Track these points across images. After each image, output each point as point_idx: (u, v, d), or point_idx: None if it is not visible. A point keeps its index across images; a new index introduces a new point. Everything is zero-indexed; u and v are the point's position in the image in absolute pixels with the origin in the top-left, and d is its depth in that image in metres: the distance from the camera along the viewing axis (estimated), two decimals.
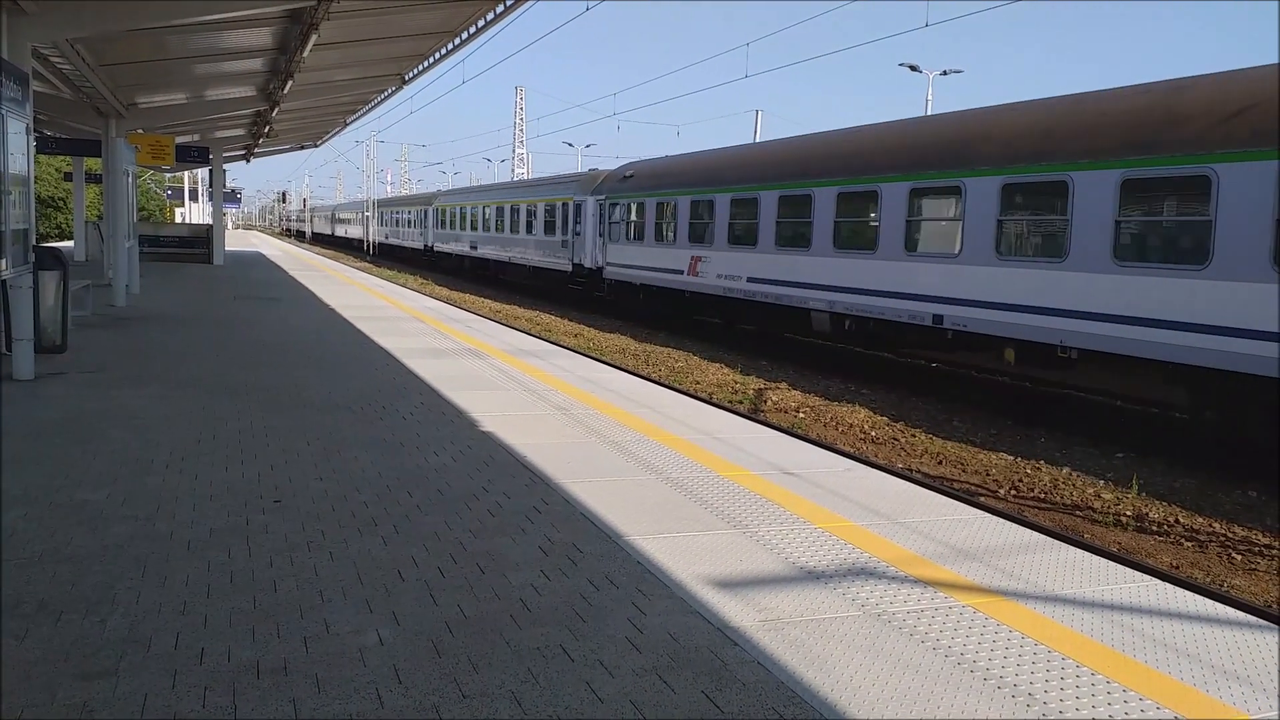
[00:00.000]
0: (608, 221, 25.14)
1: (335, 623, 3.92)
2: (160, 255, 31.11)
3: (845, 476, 6.73)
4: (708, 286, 20.05)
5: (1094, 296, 11.50)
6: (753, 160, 19.67)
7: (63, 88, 19.19)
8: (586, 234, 27.06)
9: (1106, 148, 11.41)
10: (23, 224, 9.61)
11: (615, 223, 24.67)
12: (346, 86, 23.33)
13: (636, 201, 23.61)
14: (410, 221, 51.75)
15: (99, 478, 5.93)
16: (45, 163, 46.43)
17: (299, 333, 13.92)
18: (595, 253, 26.35)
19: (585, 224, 27.17)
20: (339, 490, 5.85)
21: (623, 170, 25.77)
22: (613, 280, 24.94)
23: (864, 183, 15.50)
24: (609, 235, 25.06)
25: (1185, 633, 4.18)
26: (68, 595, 4.09)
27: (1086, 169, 11.56)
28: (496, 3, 15.02)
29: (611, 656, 3.71)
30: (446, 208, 43.88)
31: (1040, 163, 12.26)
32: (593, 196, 26.65)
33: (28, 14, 10.33)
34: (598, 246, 26.10)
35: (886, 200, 14.94)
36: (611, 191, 25.20)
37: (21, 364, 9.42)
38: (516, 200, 34.00)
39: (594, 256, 26.47)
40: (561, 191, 29.68)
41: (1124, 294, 11.14)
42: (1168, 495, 9.82)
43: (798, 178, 17.31)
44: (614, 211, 24.89)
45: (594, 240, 26.50)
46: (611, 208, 25.00)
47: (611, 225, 24.86)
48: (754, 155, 20.39)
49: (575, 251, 27.97)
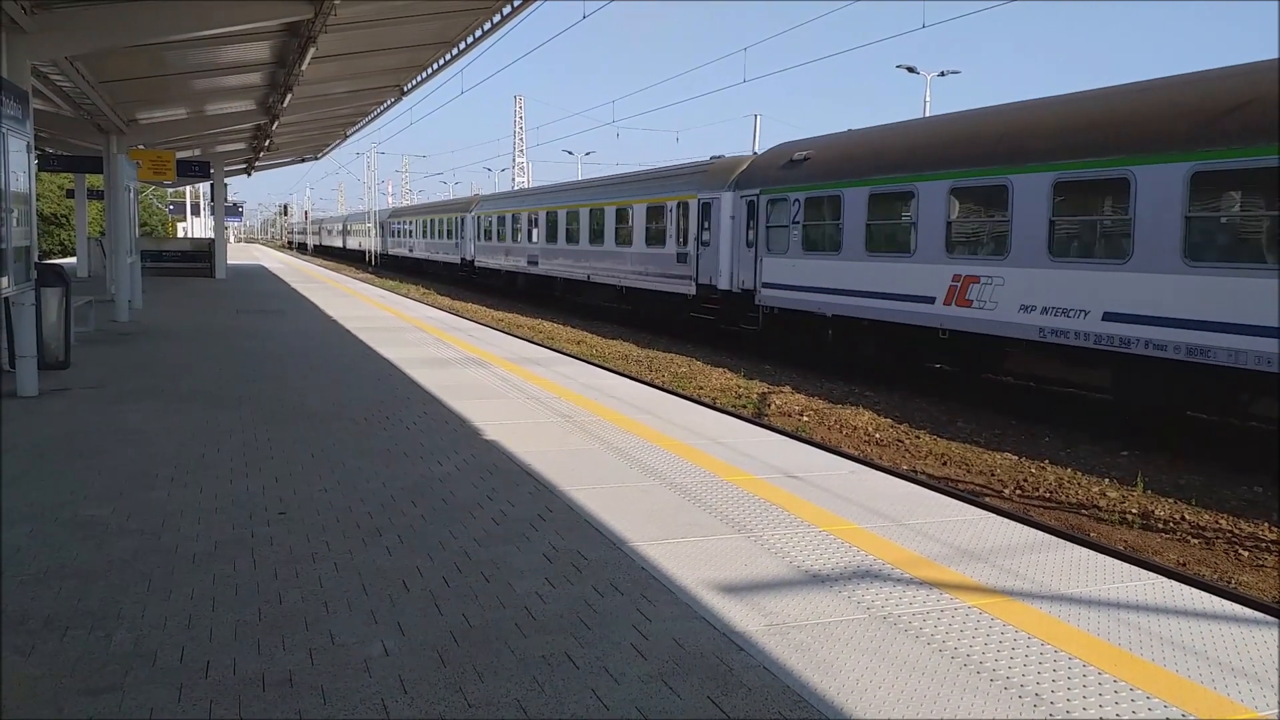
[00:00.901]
0: (762, 225, 18.58)
1: (340, 634, 3.92)
2: (162, 270, 31.18)
3: (849, 479, 6.72)
4: (997, 324, 13.07)
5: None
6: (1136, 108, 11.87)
7: (63, 105, 19.26)
8: (721, 243, 20.13)
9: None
10: (25, 241, 9.63)
11: (777, 227, 18.16)
12: (345, 99, 23.39)
13: (822, 195, 16.96)
14: (442, 232, 45.16)
15: (103, 493, 5.93)
16: (47, 180, 46.57)
17: (301, 345, 13.94)
18: (736, 269, 19.61)
19: (719, 229, 20.20)
20: (343, 501, 5.85)
21: (785, 152, 18.79)
22: (773, 308, 18.33)
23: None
24: (765, 244, 18.50)
25: (1193, 630, 4.16)
26: (73, 610, 4.09)
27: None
28: (493, 13, 15.07)
29: (617, 663, 3.71)
30: (492, 215, 36.97)
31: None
32: (732, 192, 19.83)
33: (27, 33, 10.38)
34: (741, 261, 19.41)
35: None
36: (770, 183, 18.54)
37: (25, 380, 9.43)
38: (600, 202, 26.92)
39: (734, 274, 19.70)
40: (677, 187, 22.50)
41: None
42: (1173, 492, 9.79)
43: None
44: (774, 211, 18.32)
45: (735, 252, 19.68)
46: (771, 205, 18.35)
47: (770, 231, 18.30)
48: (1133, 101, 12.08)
49: (701, 268, 20.91)
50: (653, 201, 23.56)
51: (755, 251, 18.87)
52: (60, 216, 51.48)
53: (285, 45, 15.79)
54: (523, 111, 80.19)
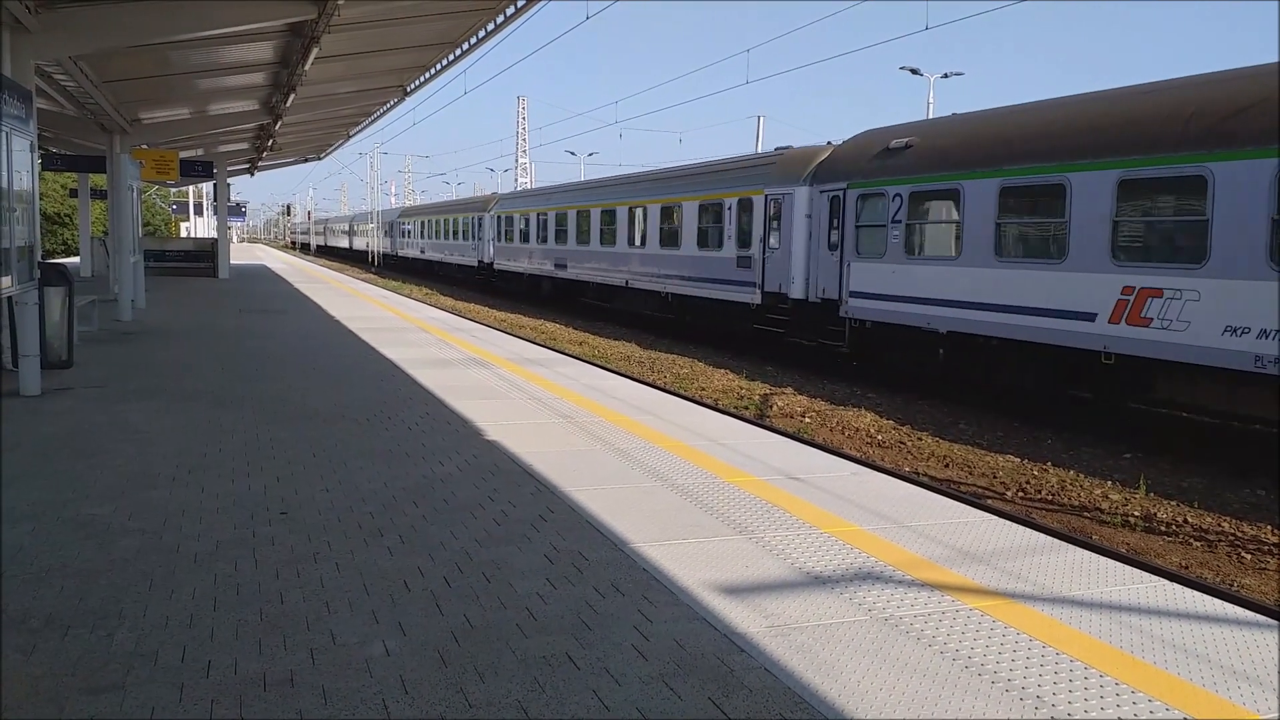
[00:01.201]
0: (850, 225, 16.18)
1: (341, 634, 3.92)
2: (165, 270, 31.23)
3: (851, 481, 6.72)
4: (1189, 348, 10.75)
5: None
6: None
7: (67, 104, 19.30)
8: (794, 245, 17.70)
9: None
10: (28, 240, 9.65)
11: (869, 226, 15.79)
12: (348, 99, 23.42)
13: (933, 189, 14.45)
14: (457, 232, 42.36)
15: (106, 492, 5.94)
16: (51, 179, 46.70)
17: (304, 344, 13.95)
18: (814, 275, 17.27)
19: (791, 230, 17.78)
20: (345, 501, 5.85)
21: (878, 139, 16.27)
22: (864, 322, 15.97)
23: None
24: (853, 247, 16.07)
25: (1195, 633, 4.16)
26: (75, 609, 4.10)
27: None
28: (496, 13, 15.08)
29: (618, 664, 3.71)
30: (514, 214, 34.22)
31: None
32: (809, 187, 17.49)
33: (30, 32, 10.40)
34: (821, 265, 17.04)
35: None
36: (860, 176, 16.01)
37: (28, 380, 9.45)
38: (641, 199, 24.20)
39: (811, 281, 17.38)
40: (737, 182, 19.90)
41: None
42: (1175, 495, 9.78)
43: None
44: (865, 208, 15.90)
45: (813, 255, 17.31)
46: (861, 202, 15.94)
47: (861, 231, 15.98)
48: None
49: (769, 273, 18.57)
50: (707, 199, 20.86)
51: (840, 255, 16.36)
52: (64, 216, 51.60)
53: (288, 45, 15.82)
54: (526, 112, 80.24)
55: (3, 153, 8.55)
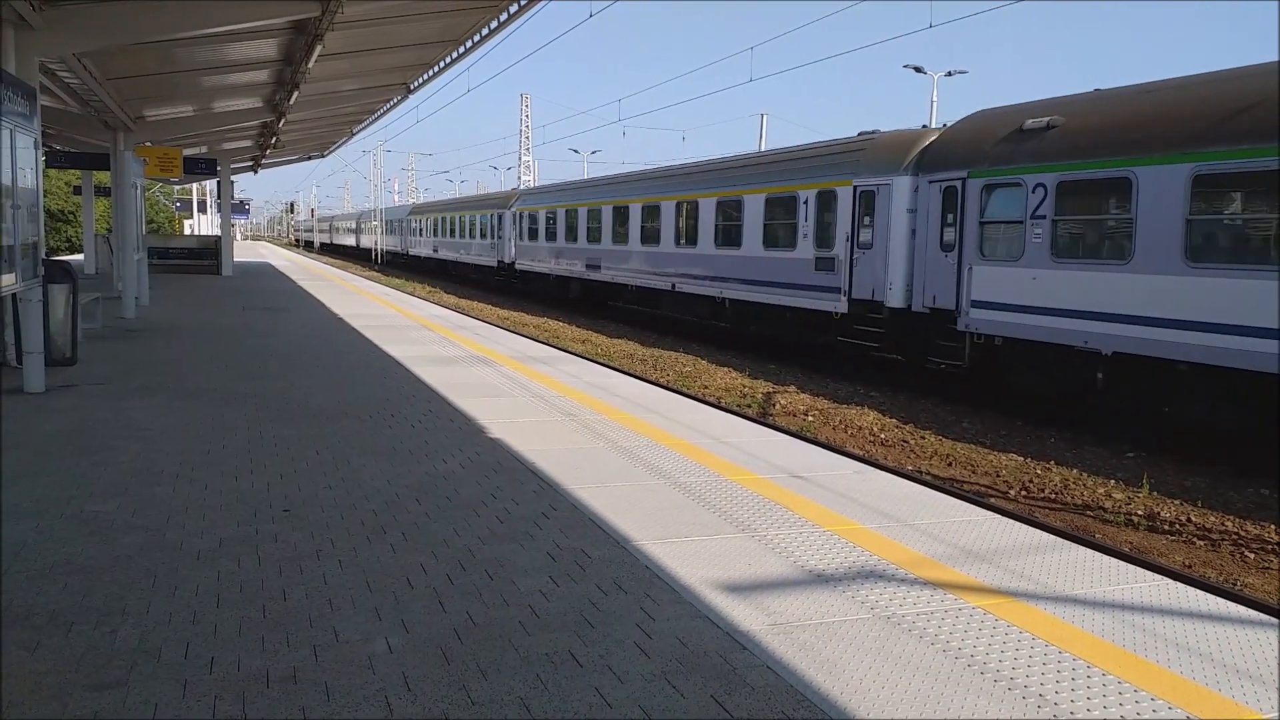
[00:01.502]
0: (971, 220, 13.63)
1: (344, 631, 3.92)
2: (169, 267, 31.27)
3: (854, 479, 6.72)
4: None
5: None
6: None
7: (70, 102, 19.32)
8: (892, 244, 15.19)
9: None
10: (32, 238, 9.66)
11: (998, 222, 13.34)
12: (352, 96, 23.44)
13: (1093, 177, 11.99)
14: (473, 230, 39.91)
15: (109, 489, 5.95)
16: (55, 177, 46.80)
17: (307, 342, 13.97)
18: (921, 279, 14.70)
19: (888, 226, 15.31)
20: (348, 498, 5.86)
21: (1005, 119, 13.71)
22: (991, 337, 13.40)
23: None
24: (975, 247, 13.54)
25: (1198, 632, 4.15)
26: (79, 606, 4.11)
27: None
28: (499, 11, 15.08)
29: (620, 662, 3.71)
30: (539, 211, 31.78)
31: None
32: (911, 176, 14.97)
33: (35, 29, 10.42)
34: (930, 268, 14.47)
35: None
36: (985, 162, 13.44)
37: (32, 377, 9.47)
38: (692, 193, 21.50)
39: (917, 286, 14.82)
40: (815, 172, 17.23)
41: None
42: (1179, 494, 9.77)
43: None
44: (992, 200, 13.41)
45: (919, 256, 14.75)
46: (987, 193, 13.44)
47: (987, 228, 13.50)
48: None
49: (858, 277, 15.95)
50: (776, 191, 18.29)
51: (958, 257, 13.83)
52: (67, 213, 51.72)
53: (292, 43, 15.83)
54: (529, 110, 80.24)
55: (7, 150, 8.57)
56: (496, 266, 36.74)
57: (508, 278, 35.80)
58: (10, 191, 8.72)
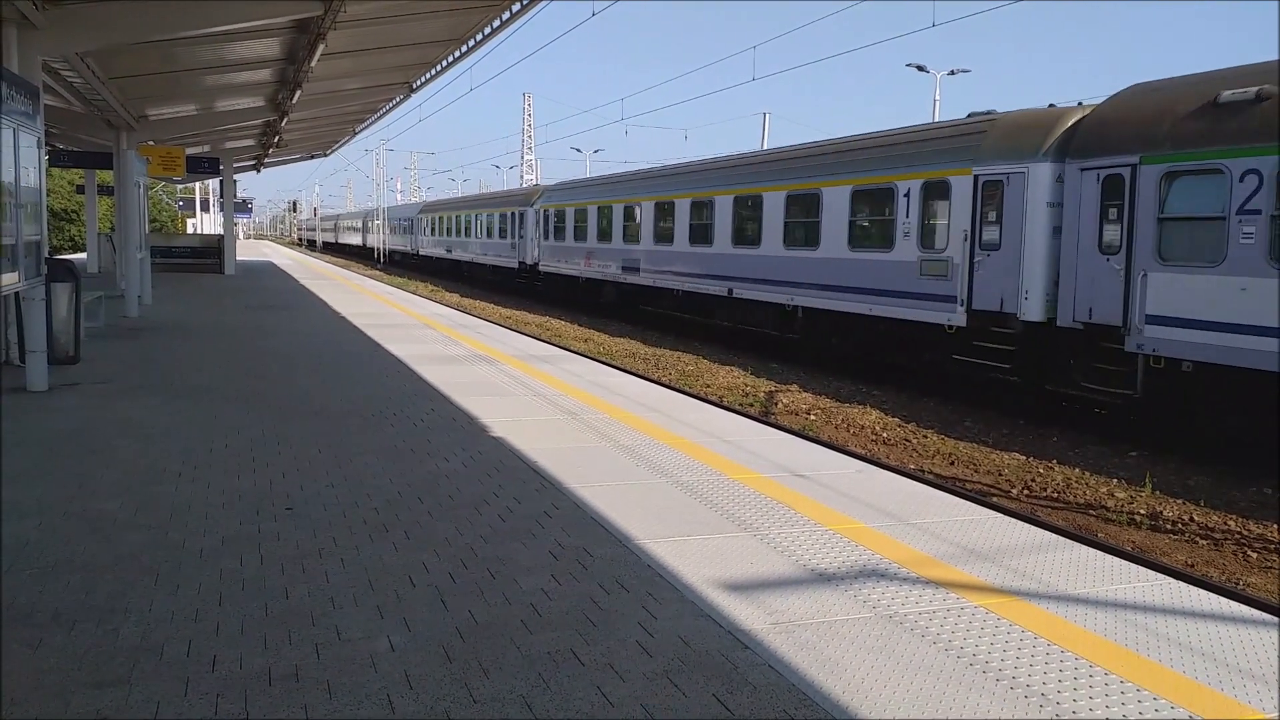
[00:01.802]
0: (1148, 216, 11.30)
1: (346, 629, 3.93)
2: (172, 266, 31.32)
3: (856, 478, 6.71)
4: None
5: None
6: None
7: (74, 101, 19.35)
8: (1027, 244, 12.87)
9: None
10: (35, 237, 9.67)
11: (1188, 219, 11.05)
12: (354, 95, 23.45)
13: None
14: (492, 229, 37.52)
15: (112, 487, 5.96)
16: (58, 176, 46.87)
17: (310, 341, 13.98)
18: (1071, 288, 12.30)
19: (1023, 222, 12.93)
20: (350, 497, 5.86)
21: (1185, 92, 11.36)
22: (1179, 361, 11.00)
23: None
24: (1152, 249, 11.23)
25: (1200, 631, 4.15)
26: (81, 604, 4.11)
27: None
28: (502, 10, 15.08)
29: (622, 660, 3.71)
30: (565, 208, 29.39)
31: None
32: (1053, 162, 12.69)
33: (38, 28, 10.43)
34: (1084, 274, 12.10)
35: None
36: (1166, 145, 11.14)
37: (35, 376, 9.48)
38: (755, 186, 19.08)
39: (1063, 297, 12.45)
40: (921, 159, 14.89)
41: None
42: (1182, 493, 9.76)
43: None
44: (1175, 191, 11.12)
45: (1069, 259, 12.32)
46: (1168, 182, 11.16)
47: (1168, 226, 11.21)
48: None
49: (980, 284, 13.61)
50: (867, 182, 15.87)
51: (1125, 260, 11.54)
52: (71, 212, 51.81)
53: (295, 42, 15.84)
54: (531, 109, 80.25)
55: (10, 149, 8.58)
56: (517, 268, 34.47)
57: (529, 280, 33.44)
58: (13, 190, 8.72)
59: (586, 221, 27.38)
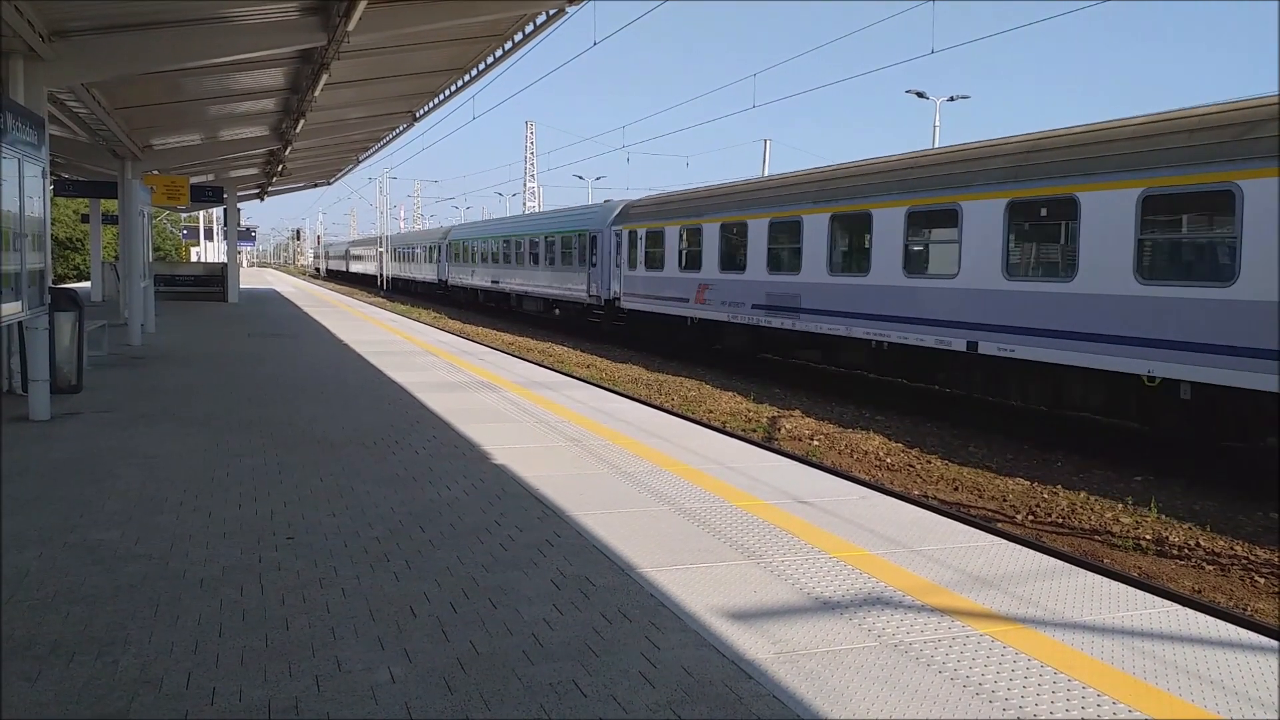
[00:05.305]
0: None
1: (347, 660, 3.90)
2: (176, 294, 31.41)
3: (860, 504, 6.68)
4: None
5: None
6: None
7: (79, 131, 19.48)
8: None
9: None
10: (39, 266, 9.71)
11: None
12: (358, 124, 23.59)
13: None
14: (553, 256, 30.81)
15: (112, 517, 5.94)
16: (63, 205, 47.11)
17: (312, 369, 13.98)
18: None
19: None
20: (351, 526, 5.84)
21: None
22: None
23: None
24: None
25: (1208, 658, 4.11)
26: (80, 636, 4.08)
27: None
28: (505, 40, 15.19)
29: (625, 691, 3.67)
30: (663, 229, 22.96)
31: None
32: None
33: (44, 60, 10.52)
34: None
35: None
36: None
37: (37, 404, 9.48)
38: (984, 192, 13.17)
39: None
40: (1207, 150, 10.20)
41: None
42: (1188, 518, 9.70)
43: None
44: None
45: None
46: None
47: None
48: None
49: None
50: (1172, 183, 10.70)
51: None
52: (75, 241, 52.05)
53: (299, 71, 15.95)
54: (534, 137, 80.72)
55: (15, 179, 8.63)
56: (588, 304, 27.89)
57: (609, 317, 26.59)
58: (18, 220, 8.76)
59: (701, 244, 21.02)
